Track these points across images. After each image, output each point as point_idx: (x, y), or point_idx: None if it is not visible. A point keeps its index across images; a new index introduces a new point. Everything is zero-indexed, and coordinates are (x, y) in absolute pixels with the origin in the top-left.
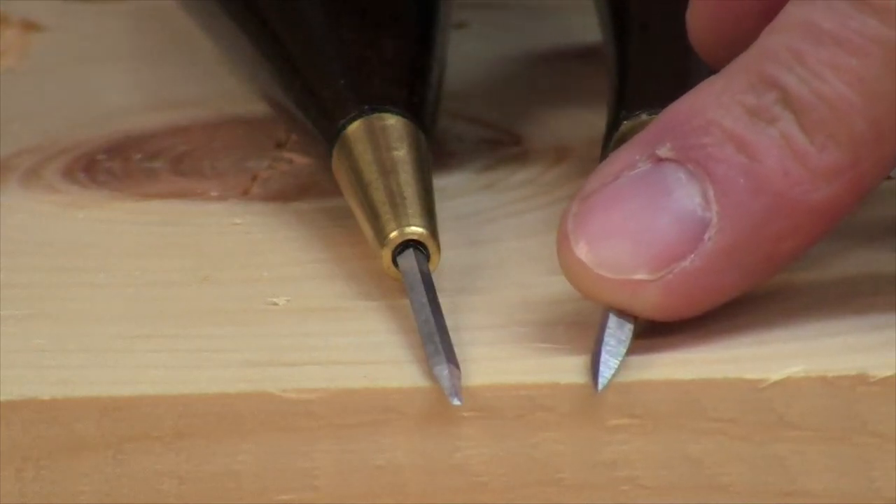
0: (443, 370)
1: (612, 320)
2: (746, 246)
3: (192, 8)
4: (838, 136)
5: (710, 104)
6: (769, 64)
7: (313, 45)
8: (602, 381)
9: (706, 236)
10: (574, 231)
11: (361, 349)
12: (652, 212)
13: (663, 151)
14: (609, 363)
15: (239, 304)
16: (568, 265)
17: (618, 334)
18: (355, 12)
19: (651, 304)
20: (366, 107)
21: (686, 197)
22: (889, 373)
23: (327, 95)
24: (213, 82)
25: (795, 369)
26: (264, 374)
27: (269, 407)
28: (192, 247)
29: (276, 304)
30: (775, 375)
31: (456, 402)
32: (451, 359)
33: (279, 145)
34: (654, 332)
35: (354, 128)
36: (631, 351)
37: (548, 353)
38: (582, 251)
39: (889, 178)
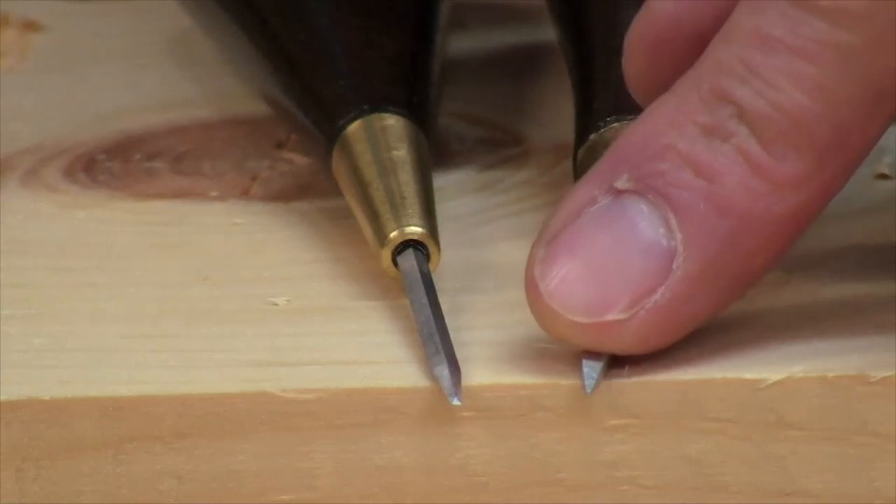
0: (443, 370)
1: None
2: (716, 269)
3: (193, 8)
4: (799, 145)
5: (664, 127)
6: (721, 77)
7: (313, 45)
8: (589, 383)
9: (674, 266)
10: (542, 278)
11: (361, 349)
12: (617, 249)
13: (621, 183)
14: (592, 366)
15: (239, 304)
16: (539, 312)
17: None
18: (355, 12)
19: (628, 342)
20: (366, 107)
21: (649, 228)
22: (889, 373)
23: (327, 95)
24: (213, 82)
25: (795, 369)
26: (264, 374)
27: (269, 407)
28: (192, 247)
29: (276, 304)
30: (775, 375)
31: (456, 402)
32: (451, 359)
33: (279, 145)
34: None
35: (354, 128)
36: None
37: (548, 353)
38: (552, 298)
39: (888, 177)
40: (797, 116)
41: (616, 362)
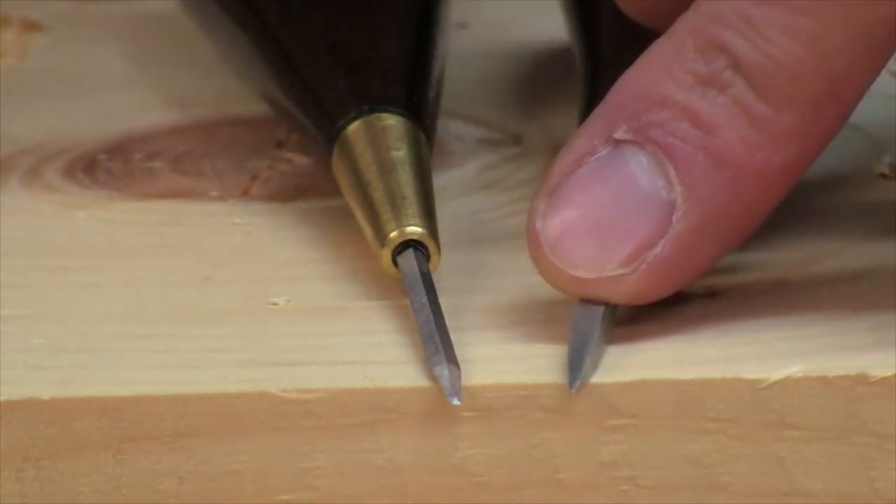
0: (443, 370)
1: (577, 325)
2: (715, 221)
3: (193, 8)
4: (796, 97)
5: (661, 76)
6: (717, 27)
7: (313, 45)
8: (575, 382)
9: (674, 218)
10: (544, 232)
11: (361, 349)
12: (617, 202)
13: (620, 134)
14: (578, 364)
15: (239, 304)
16: (542, 268)
17: (581, 339)
18: (355, 12)
19: (630, 293)
20: (365, 107)
21: (648, 181)
22: (889, 373)
23: (327, 95)
24: (213, 82)
25: (795, 369)
26: (264, 374)
27: (269, 407)
28: (192, 247)
29: (276, 304)
30: (775, 375)
31: (456, 402)
32: (451, 359)
33: (279, 145)
34: (653, 333)
35: (354, 128)
36: (630, 351)
37: (548, 353)
38: (554, 253)
39: (888, 177)
40: (793, 68)
41: (603, 360)
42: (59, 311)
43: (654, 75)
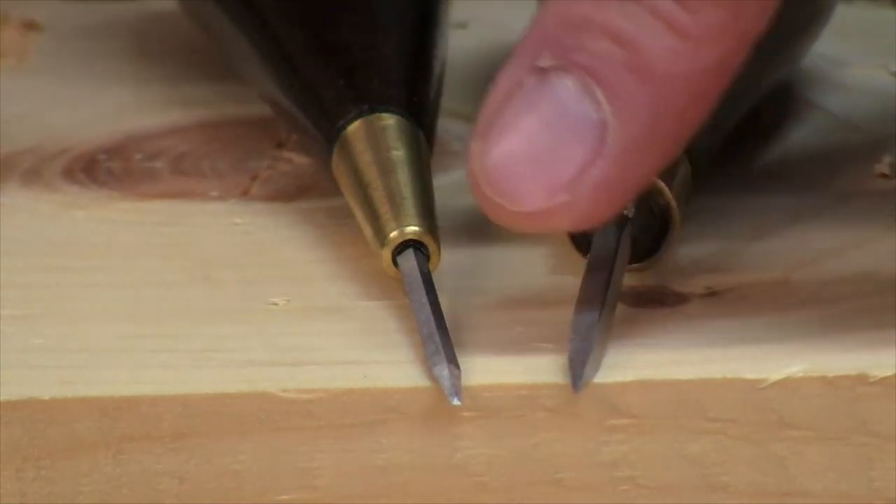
0: (443, 370)
1: (576, 325)
2: (649, 134)
3: (193, 9)
4: None
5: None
6: None
7: (313, 45)
8: (578, 382)
9: (607, 138)
10: (481, 174)
11: (361, 349)
12: (549, 130)
13: (544, 61)
14: (578, 364)
15: (239, 304)
16: (487, 208)
17: (581, 338)
18: (355, 12)
19: (577, 219)
20: (365, 107)
21: (577, 105)
22: (889, 373)
23: (327, 95)
24: (213, 82)
25: (795, 369)
26: (264, 374)
27: (269, 407)
28: (192, 247)
29: (276, 304)
30: (775, 375)
31: (456, 402)
32: (451, 359)
33: (279, 145)
34: (653, 333)
35: (354, 128)
36: (630, 351)
37: (548, 353)
38: (495, 192)
39: (888, 177)
40: None
41: (607, 360)
42: (59, 311)
43: None
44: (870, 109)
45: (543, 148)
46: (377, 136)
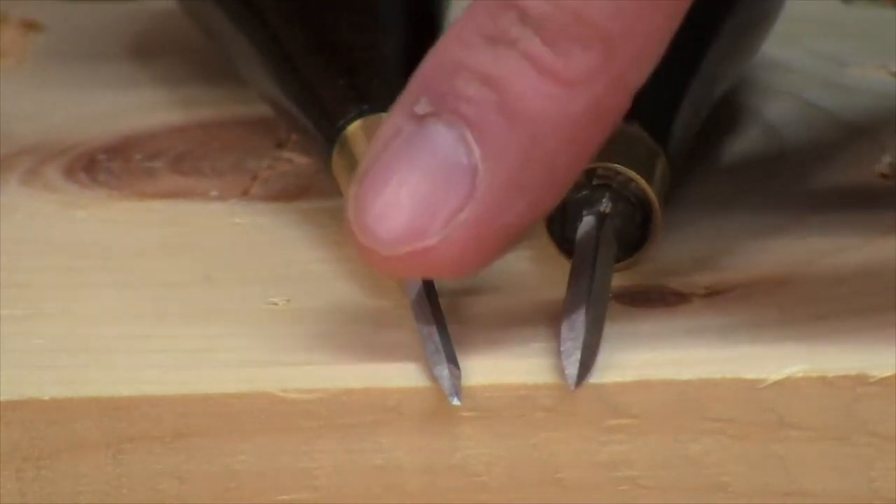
0: (443, 370)
1: (565, 324)
2: (519, 177)
3: (193, 8)
4: (583, 38)
5: (453, 45)
6: None
7: (313, 45)
8: (571, 381)
9: (477, 182)
10: (355, 219)
11: (361, 349)
12: (419, 174)
13: (420, 108)
14: (570, 363)
15: (239, 304)
16: (359, 252)
17: (570, 335)
18: (355, 12)
19: (446, 265)
20: (365, 107)
21: (449, 149)
22: (889, 373)
23: (327, 95)
24: (213, 82)
25: (795, 369)
26: (264, 374)
27: (269, 407)
28: (192, 247)
29: (276, 304)
30: (775, 375)
31: (456, 402)
32: (451, 359)
33: (279, 145)
34: (653, 333)
35: (354, 128)
36: (630, 351)
37: (548, 353)
38: (366, 237)
39: (888, 177)
40: (576, 9)
41: (603, 359)
42: (59, 311)
43: (448, 45)
44: (870, 109)
45: (419, 194)
46: None
